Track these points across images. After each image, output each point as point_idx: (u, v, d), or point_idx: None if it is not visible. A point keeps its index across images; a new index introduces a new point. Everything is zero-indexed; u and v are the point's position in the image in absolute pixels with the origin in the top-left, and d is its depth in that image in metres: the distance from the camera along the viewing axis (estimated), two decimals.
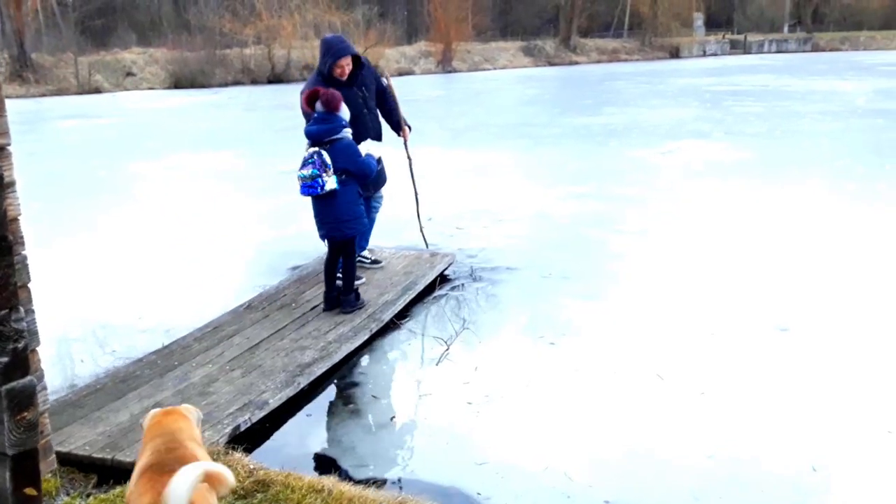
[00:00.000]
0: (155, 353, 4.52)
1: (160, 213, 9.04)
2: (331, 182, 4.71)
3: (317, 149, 4.73)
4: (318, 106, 4.80)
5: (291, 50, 39.85)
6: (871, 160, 10.77)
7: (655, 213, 8.14)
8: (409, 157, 6.11)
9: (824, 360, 4.41)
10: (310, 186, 4.71)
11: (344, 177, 4.78)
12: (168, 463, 2.10)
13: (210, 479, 2.00)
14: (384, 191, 5.91)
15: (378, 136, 5.64)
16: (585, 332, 4.97)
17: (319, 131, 4.77)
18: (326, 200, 4.81)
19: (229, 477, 2.04)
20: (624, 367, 4.37)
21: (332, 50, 5.38)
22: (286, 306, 5.24)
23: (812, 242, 6.80)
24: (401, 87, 5.90)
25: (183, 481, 1.91)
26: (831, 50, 57.35)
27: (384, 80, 5.89)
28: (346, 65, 5.38)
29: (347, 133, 4.85)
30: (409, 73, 43.70)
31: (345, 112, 4.88)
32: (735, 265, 6.25)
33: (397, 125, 5.93)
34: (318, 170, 4.67)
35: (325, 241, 5.08)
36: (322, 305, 5.15)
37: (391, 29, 46.81)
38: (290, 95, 4.57)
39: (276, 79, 38.69)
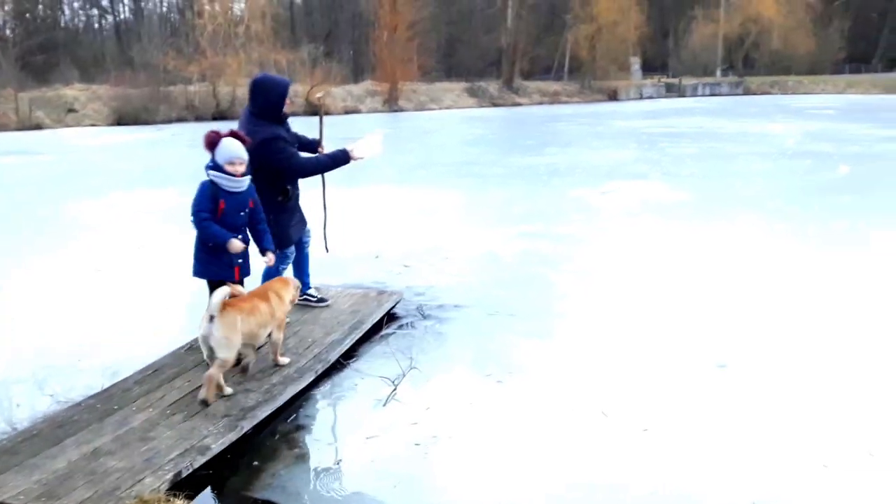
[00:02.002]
0: (94, 396, 4.41)
1: (101, 253, 8.84)
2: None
3: None
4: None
5: (237, 87, 39.73)
6: (801, 200, 11.23)
7: (598, 253, 8.31)
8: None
9: (762, 395, 4.55)
10: None
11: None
12: (252, 296, 4.45)
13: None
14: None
15: None
16: (531, 369, 5.02)
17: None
18: None
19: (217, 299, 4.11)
20: (569, 404, 4.43)
21: (280, 86, 5.26)
22: None
23: (747, 282, 7.03)
24: (348, 125, 5.98)
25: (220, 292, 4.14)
26: (762, 93, 59.87)
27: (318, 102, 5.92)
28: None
29: (213, 175, 4.88)
30: (356, 111, 43.95)
31: (221, 153, 4.79)
32: (674, 304, 6.42)
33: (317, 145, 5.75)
34: None
35: None
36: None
37: (337, 68, 47.19)
38: None
39: (220, 115, 38.40)
